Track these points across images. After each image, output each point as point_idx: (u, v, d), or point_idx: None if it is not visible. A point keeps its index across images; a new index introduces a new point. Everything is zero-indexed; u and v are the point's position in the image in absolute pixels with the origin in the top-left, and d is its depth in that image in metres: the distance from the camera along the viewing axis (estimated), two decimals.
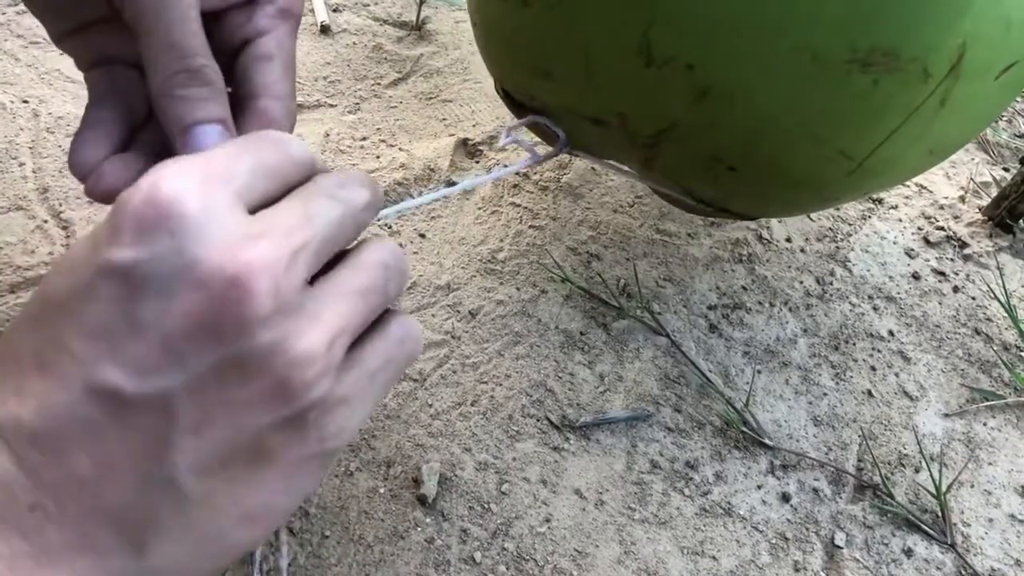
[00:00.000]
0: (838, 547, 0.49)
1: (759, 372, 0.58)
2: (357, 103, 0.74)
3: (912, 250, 0.70)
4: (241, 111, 0.32)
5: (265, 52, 0.32)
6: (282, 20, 0.33)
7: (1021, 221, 0.72)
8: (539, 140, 0.54)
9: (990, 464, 0.55)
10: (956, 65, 0.38)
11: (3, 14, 0.75)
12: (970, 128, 0.46)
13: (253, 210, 0.25)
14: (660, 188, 0.52)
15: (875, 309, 0.65)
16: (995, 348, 0.63)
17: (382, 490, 0.47)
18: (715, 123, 0.41)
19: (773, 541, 0.49)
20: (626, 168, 0.51)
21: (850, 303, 0.65)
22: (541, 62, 0.45)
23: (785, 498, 0.51)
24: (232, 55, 0.33)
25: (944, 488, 0.52)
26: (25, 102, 0.65)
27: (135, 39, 0.30)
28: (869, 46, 0.36)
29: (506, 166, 0.50)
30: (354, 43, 0.80)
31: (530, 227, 0.65)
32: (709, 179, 0.46)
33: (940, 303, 0.66)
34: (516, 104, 0.51)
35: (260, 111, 0.32)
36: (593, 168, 0.71)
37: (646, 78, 0.40)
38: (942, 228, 0.73)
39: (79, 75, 0.35)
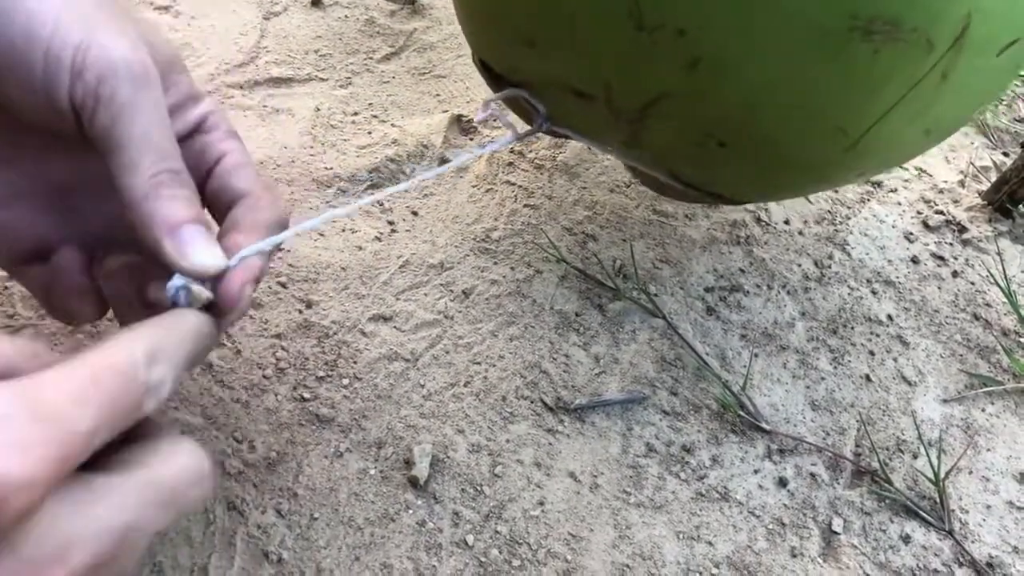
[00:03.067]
0: (835, 533, 0.49)
1: (756, 355, 0.57)
2: (349, 77, 0.72)
3: (911, 234, 0.70)
4: (232, 213, 0.34)
5: (238, 161, 0.35)
6: (235, 139, 0.36)
7: (1021, 206, 0.71)
8: (517, 117, 0.52)
9: (988, 450, 0.55)
10: (960, 37, 0.36)
11: None
12: (968, 108, 0.44)
13: None
14: (645, 170, 0.50)
15: (874, 293, 0.64)
16: (994, 333, 0.63)
17: (372, 471, 0.46)
18: (707, 95, 0.39)
19: (770, 526, 0.48)
20: (609, 148, 0.49)
21: (848, 287, 0.64)
22: (526, 29, 0.42)
23: (782, 483, 0.51)
24: (201, 180, 0.35)
25: (942, 474, 0.51)
26: None
27: (106, 149, 0.30)
28: (871, 14, 0.34)
29: (483, 146, 0.48)
30: (346, 16, 0.78)
31: (525, 206, 0.64)
32: (698, 157, 0.44)
33: (939, 288, 0.65)
34: (495, 77, 0.48)
35: (254, 201, 0.35)
36: (588, 147, 0.70)
37: (635, 44, 0.38)
38: (941, 212, 0.72)
39: None
